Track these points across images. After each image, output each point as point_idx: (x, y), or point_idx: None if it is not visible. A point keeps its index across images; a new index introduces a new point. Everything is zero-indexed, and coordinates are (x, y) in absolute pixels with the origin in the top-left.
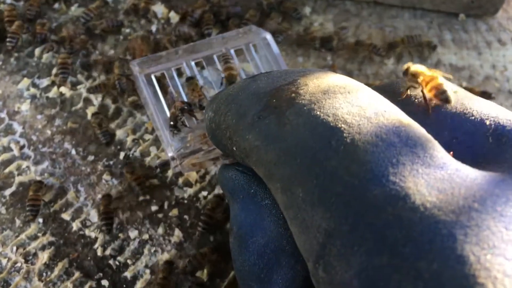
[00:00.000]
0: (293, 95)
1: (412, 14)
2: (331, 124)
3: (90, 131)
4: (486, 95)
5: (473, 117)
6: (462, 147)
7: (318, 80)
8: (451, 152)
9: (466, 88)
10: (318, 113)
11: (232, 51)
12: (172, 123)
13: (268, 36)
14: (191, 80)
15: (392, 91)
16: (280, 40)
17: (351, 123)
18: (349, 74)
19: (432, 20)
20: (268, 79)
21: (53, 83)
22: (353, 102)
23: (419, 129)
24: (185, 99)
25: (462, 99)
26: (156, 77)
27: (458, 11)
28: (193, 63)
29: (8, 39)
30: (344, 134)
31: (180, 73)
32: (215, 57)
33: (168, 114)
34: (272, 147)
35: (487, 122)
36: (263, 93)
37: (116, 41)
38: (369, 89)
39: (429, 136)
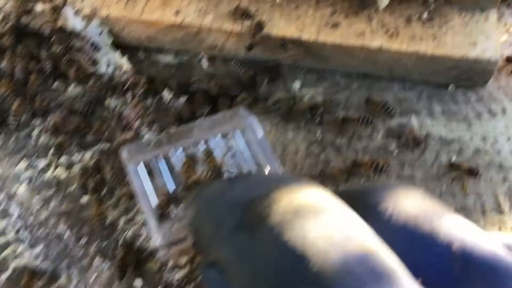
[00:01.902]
0: (265, 213)
1: (401, 86)
2: (299, 249)
3: (83, 213)
4: (473, 173)
5: (440, 240)
6: (431, 270)
7: (291, 196)
8: (420, 279)
9: (454, 164)
10: (287, 236)
11: (219, 136)
12: (159, 212)
13: (254, 121)
14: (190, 158)
15: (365, 201)
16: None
17: (319, 248)
18: (338, 149)
19: (421, 91)
20: (245, 187)
21: (49, 165)
22: (323, 224)
23: (386, 258)
24: (174, 185)
25: (431, 216)
26: (144, 162)
27: (447, 82)
28: (180, 149)
29: (11, 118)
30: (312, 261)
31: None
32: (200, 146)
33: (156, 201)
34: (245, 267)
35: (454, 247)
36: (239, 203)
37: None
38: (340, 207)
39: (396, 266)
